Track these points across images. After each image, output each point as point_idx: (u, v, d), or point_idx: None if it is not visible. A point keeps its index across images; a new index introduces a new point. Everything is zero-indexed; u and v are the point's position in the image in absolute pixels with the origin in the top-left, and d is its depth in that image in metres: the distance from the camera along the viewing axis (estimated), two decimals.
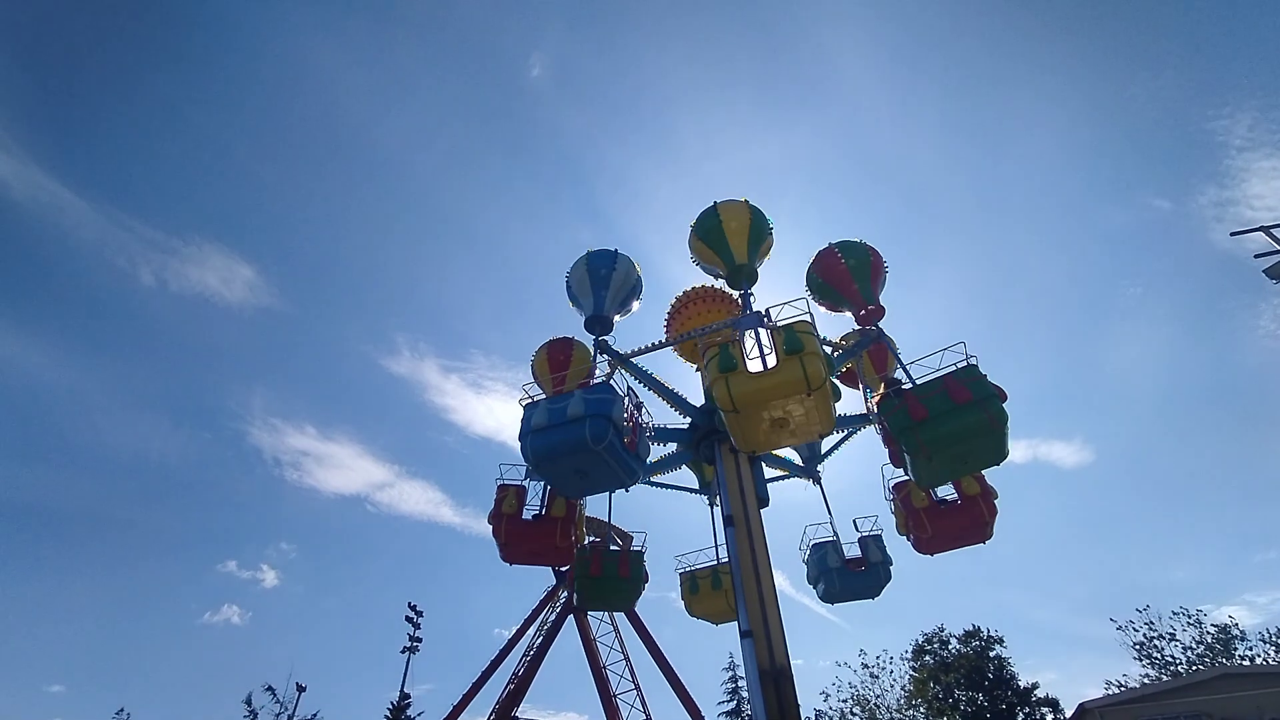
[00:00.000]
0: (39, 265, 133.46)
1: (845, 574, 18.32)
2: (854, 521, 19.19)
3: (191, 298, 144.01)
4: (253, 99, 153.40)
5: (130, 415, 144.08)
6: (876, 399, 14.20)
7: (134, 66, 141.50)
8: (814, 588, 19.25)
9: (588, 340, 17.69)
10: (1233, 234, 17.31)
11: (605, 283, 17.16)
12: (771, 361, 12.20)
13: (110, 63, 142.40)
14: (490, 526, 16.36)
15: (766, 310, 14.67)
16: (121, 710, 41.78)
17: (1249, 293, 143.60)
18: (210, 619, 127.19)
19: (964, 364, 13.15)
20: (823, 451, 19.47)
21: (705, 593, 19.02)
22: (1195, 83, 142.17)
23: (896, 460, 13.92)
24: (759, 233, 17.11)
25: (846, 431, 18.27)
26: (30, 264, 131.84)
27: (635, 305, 18.34)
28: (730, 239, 16.84)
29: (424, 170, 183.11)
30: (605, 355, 16.73)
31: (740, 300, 17.49)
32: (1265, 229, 15.55)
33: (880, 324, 16.53)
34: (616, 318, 17.74)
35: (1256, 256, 15.26)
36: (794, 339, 12.04)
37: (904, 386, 13.52)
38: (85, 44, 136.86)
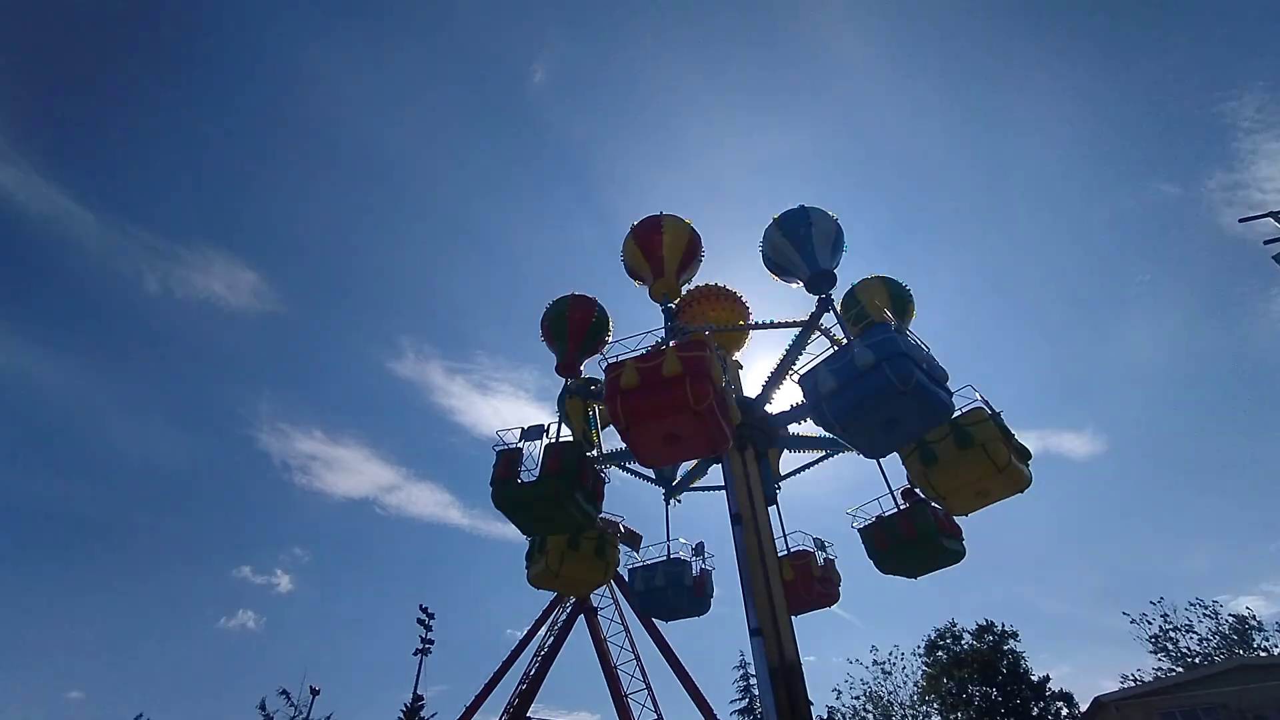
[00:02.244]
0: (46, 275, 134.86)
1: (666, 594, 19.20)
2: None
3: (197, 304, 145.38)
4: (255, 106, 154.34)
5: (139, 421, 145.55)
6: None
7: (137, 76, 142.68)
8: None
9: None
10: (1241, 220, 17.09)
11: (809, 240, 16.09)
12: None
13: (113, 73, 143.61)
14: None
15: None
16: (140, 715, 42.09)
17: (1260, 277, 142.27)
18: (226, 624, 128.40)
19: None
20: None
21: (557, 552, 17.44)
22: (1201, 65, 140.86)
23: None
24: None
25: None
26: (37, 273, 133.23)
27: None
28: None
29: (426, 174, 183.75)
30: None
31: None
32: (1275, 214, 15.36)
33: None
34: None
35: (1266, 243, 15.11)
36: (963, 434, 13.55)
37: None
38: (89, 55, 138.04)
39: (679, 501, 20.43)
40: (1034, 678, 47.97)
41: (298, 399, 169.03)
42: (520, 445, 15.57)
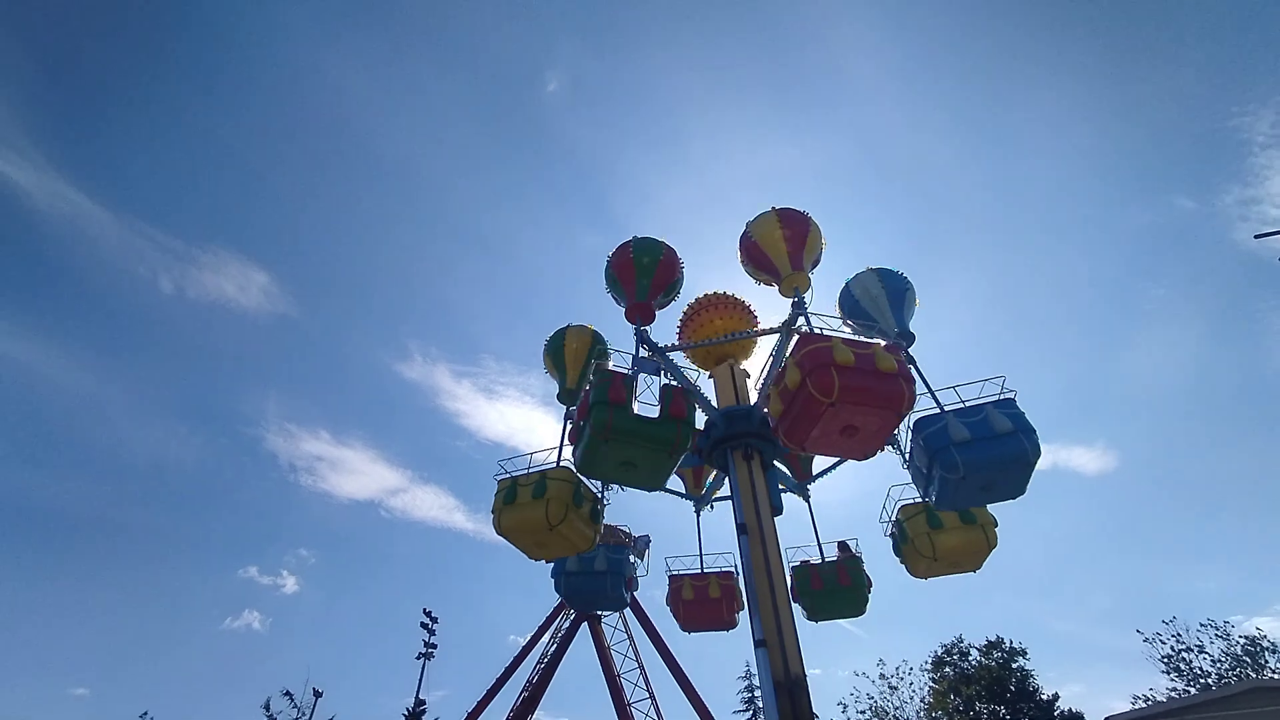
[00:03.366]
0: (62, 273, 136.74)
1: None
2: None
3: (208, 305, 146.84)
4: (270, 110, 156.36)
5: (149, 421, 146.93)
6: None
7: (152, 77, 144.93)
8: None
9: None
10: (1257, 237, 16.99)
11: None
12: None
13: (128, 74, 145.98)
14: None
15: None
16: (145, 713, 42.10)
17: (1276, 293, 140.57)
18: (232, 624, 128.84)
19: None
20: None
21: (524, 502, 14.70)
22: (1216, 79, 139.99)
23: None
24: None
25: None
26: (54, 272, 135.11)
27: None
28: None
29: (435, 177, 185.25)
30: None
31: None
32: None
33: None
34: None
35: None
36: (540, 486, 14.33)
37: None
38: (104, 57, 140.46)
39: (711, 509, 20.07)
40: (1043, 696, 47.31)
41: (305, 400, 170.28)
42: (634, 372, 14.33)
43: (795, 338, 13.65)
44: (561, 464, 15.10)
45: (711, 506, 19.94)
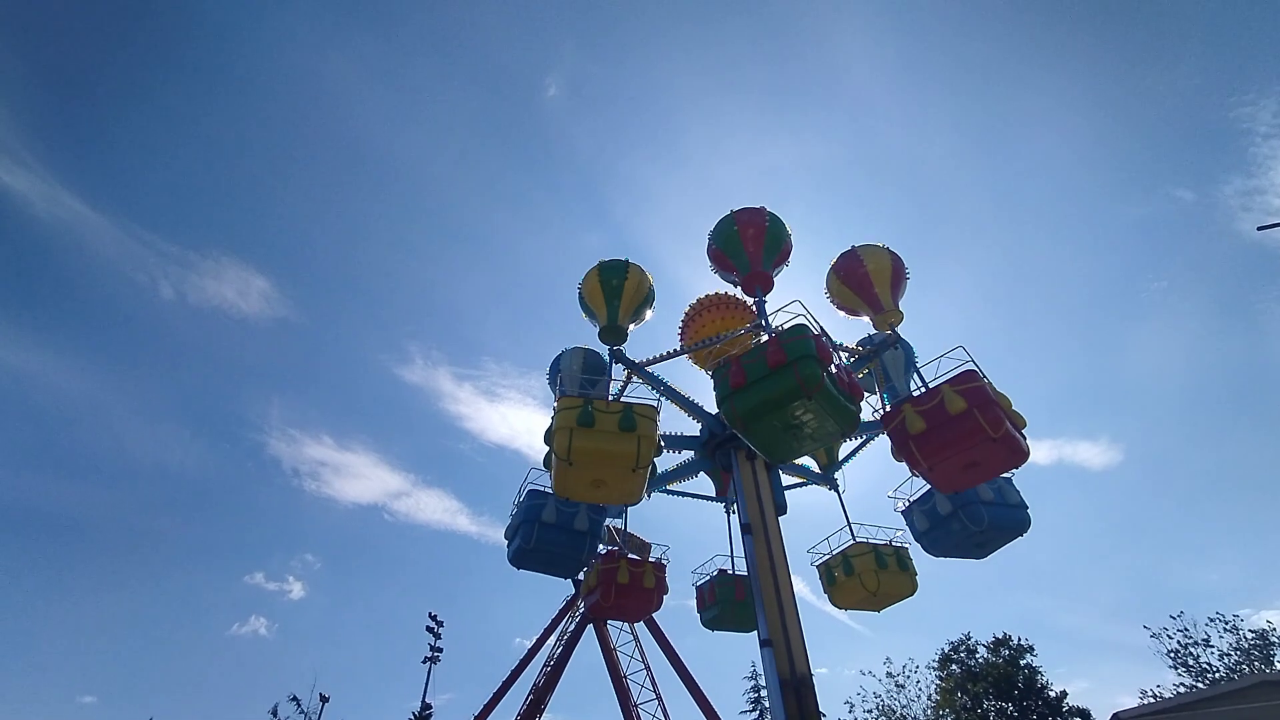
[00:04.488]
0: (61, 280, 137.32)
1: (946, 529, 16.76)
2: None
3: (209, 310, 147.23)
4: (269, 114, 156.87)
5: (151, 426, 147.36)
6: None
7: (150, 84, 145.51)
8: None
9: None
10: (1260, 229, 16.91)
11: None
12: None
13: (127, 81, 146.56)
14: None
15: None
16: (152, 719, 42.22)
17: (1278, 284, 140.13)
18: (239, 630, 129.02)
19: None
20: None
21: (607, 430, 13.88)
22: (1216, 70, 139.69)
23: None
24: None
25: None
26: (53, 279, 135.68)
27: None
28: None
29: (436, 182, 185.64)
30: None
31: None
32: None
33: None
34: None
35: None
36: (629, 419, 13.05)
37: (743, 355, 12.76)
38: (104, 63, 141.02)
39: (649, 498, 19.81)
40: (1051, 693, 47.15)
41: (307, 405, 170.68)
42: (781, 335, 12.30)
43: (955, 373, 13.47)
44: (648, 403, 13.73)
45: (648, 496, 19.62)
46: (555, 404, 13.92)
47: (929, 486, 15.13)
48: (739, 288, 18.22)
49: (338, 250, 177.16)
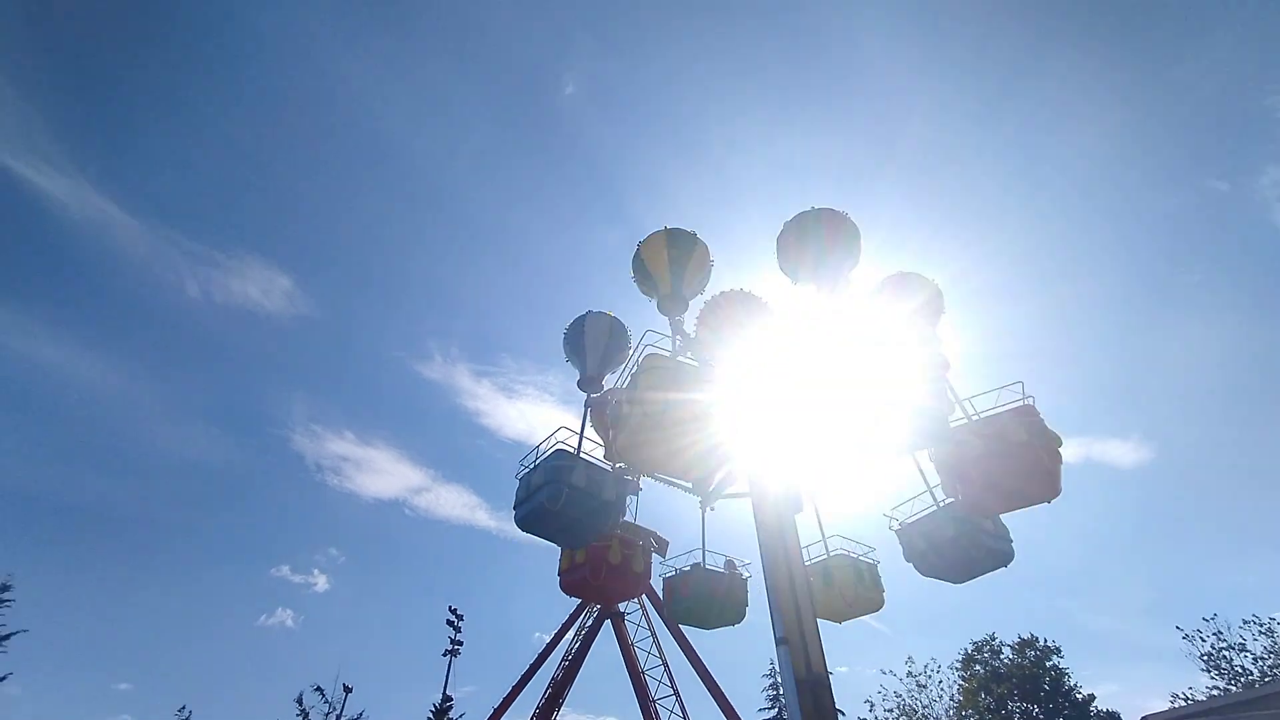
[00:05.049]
0: (92, 279, 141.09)
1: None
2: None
3: (234, 308, 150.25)
4: (289, 113, 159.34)
5: (179, 422, 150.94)
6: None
7: (174, 86, 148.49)
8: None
9: None
10: None
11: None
12: None
13: (152, 84, 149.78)
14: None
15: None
16: (184, 707, 43.27)
17: None
18: (266, 622, 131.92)
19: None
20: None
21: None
22: (1251, 58, 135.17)
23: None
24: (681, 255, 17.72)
25: None
26: (86, 279, 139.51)
27: (629, 353, 18.58)
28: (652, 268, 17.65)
29: (455, 180, 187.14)
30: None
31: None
32: None
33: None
34: (607, 377, 18.21)
35: None
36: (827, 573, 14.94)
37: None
38: (130, 67, 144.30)
39: (713, 509, 20.03)
40: (1079, 695, 46.30)
41: (329, 401, 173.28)
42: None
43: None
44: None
45: (713, 508, 19.60)
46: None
47: (932, 508, 15.99)
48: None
49: (358, 248, 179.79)
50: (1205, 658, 47.14)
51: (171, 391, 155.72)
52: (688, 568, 18.72)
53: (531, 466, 15.22)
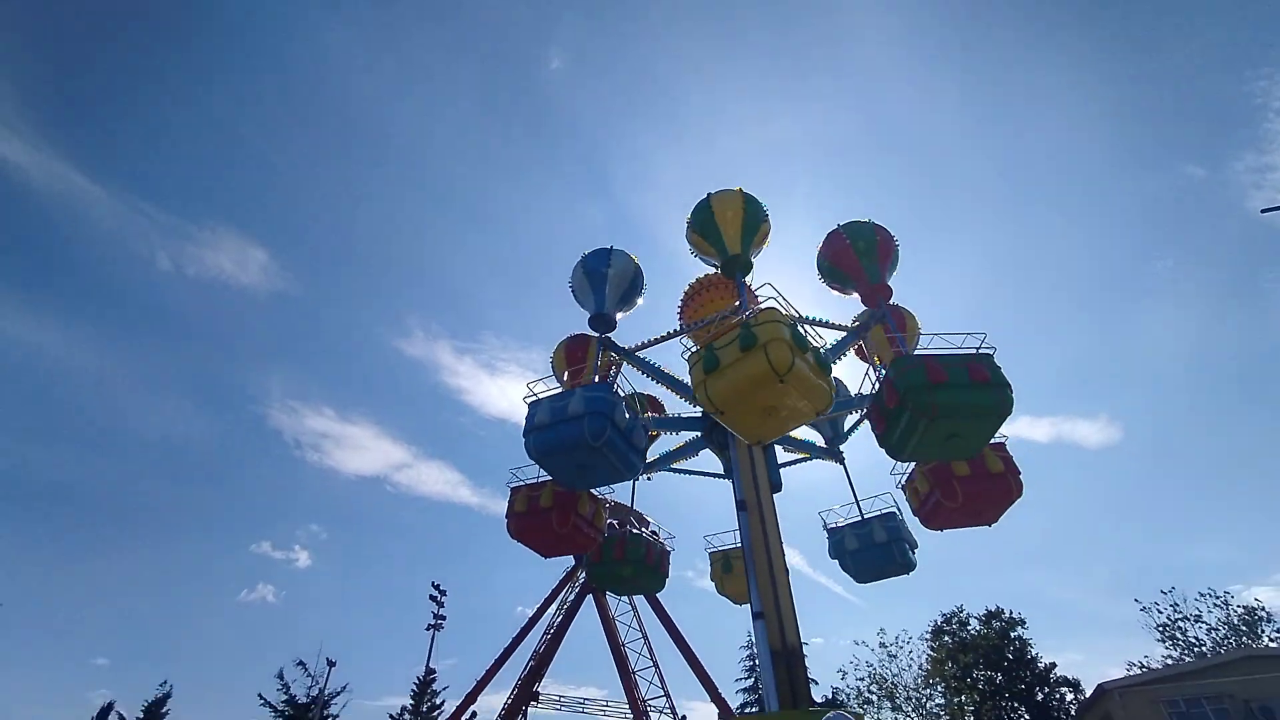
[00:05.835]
0: (60, 252, 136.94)
1: (864, 555, 18.47)
2: (854, 504, 19.34)
3: (208, 282, 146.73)
4: (267, 84, 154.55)
5: (153, 398, 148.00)
6: (887, 361, 14.56)
7: (148, 55, 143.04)
8: (845, 571, 19.38)
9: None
10: (1264, 211, 16.79)
11: (603, 281, 17.41)
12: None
13: (125, 52, 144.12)
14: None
15: (753, 295, 15.18)
16: (164, 682, 43.49)
17: None
18: (247, 597, 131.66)
19: (982, 349, 13.14)
20: (845, 430, 19.52)
21: (738, 573, 18.72)
22: (1231, 44, 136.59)
23: (881, 432, 13.94)
24: (753, 221, 17.15)
25: (865, 410, 18.28)
26: (51, 251, 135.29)
27: (639, 300, 18.50)
28: (724, 229, 16.91)
29: (437, 154, 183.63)
30: (611, 352, 17.04)
31: (736, 289, 17.50)
32: None
33: (890, 303, 16.67)
34: (619, 315, 18.03)
35: None
36: (748, 334, 11.51)
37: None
38: (101, 34, 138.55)
39: (649, 479, 19.15)
40: (1040, 664, 48.31)
41: (308, 376, 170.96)
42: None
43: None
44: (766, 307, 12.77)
45: (649, 477, 19.10)
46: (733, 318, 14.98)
47: (862, 517, 18.64)
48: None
49: (336, 222, 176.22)
50: (1161, 629, 49.42)
51: (144, 366, 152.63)
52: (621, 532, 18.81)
53: (559, 393, 14.05)
